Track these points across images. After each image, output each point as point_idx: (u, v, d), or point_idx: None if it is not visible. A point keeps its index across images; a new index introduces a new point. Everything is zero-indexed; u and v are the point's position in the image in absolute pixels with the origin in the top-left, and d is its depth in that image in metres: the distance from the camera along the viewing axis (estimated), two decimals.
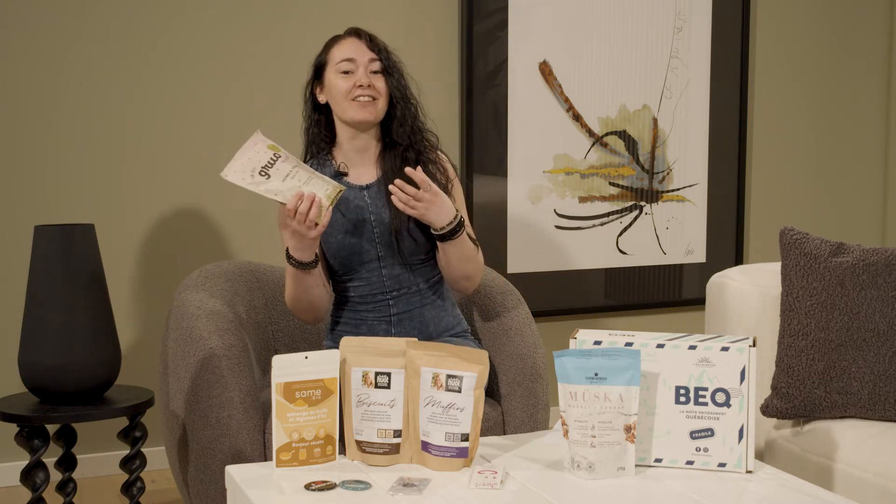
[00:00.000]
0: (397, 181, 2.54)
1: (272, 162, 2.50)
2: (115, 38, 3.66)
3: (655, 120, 4.30)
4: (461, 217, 2.61)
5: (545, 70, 4.12)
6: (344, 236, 2.68)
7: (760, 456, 2.75)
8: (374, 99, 2.66)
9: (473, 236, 2.72)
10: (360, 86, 2.65)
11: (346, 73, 2.67)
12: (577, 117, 4.18)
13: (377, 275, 2.70)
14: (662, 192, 4.34)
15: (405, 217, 2.65)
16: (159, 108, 3.73)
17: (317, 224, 2.49)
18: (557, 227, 4.20)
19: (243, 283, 2.98)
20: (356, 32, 2.73)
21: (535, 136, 4.12)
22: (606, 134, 4.23)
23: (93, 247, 2.97)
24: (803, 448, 2.64)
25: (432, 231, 2.61)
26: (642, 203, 4.31)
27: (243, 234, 3.84)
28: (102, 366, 2.95)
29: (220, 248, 3.82)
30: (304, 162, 2.75)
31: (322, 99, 2.74)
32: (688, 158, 4.37)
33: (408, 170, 2.56)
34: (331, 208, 2.51)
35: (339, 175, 2.72)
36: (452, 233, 2.60)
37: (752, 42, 4.44)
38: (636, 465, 2.16)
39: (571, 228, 4.22)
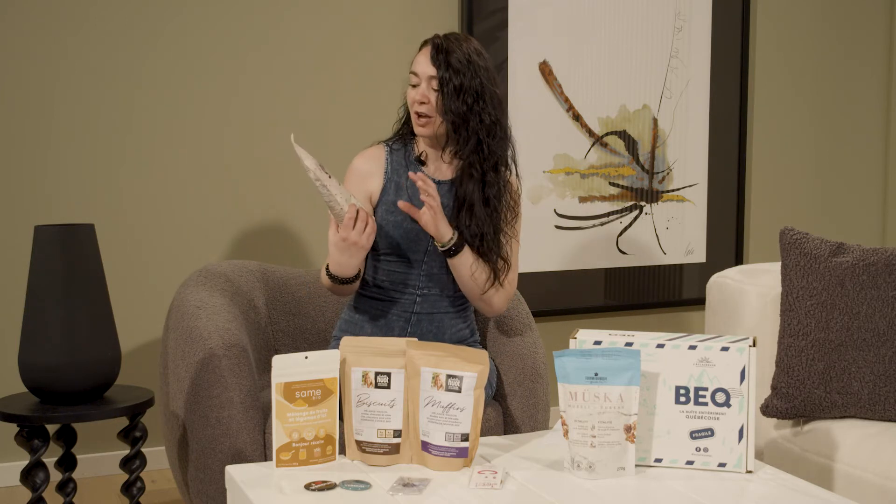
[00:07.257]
0: (419, 176, 2.55)
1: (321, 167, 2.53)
2: (115, 37, 3.66)
3: (655, 120, 4.30)
4: (454, 242, 2.63)
5: (545, 70, 4.12)
6: (404, 218, 2.69)
7: (760, 456, 2.75)
8: (428, 116, 2.66)
9: (502, 268, 2.69)
10: (416, 101, 2.66)
11: (413, 85, 2.68)
12: (577, 117, 4.18)
13: (417, 267, 2.72)
14: (662, 192, 4.34)
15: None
16: (159, 108, 3.73)
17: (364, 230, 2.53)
18: (557, 227, 4.20)
19: (243, 282, 2.98)
20: (431, 42, 2.68)
21: (535, 136, 4.12)
22: (606, 134, 4.23)
23: (93, 247, 2.97)
24: (803, 448, 2.64)
25: (438, 244, 2.65)
26: (642, 203, 4.31)
27: (244, 233, 3.84)
28: (102, 366, 2.94)
29: (220, 248, 3.82)
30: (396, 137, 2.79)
31: None
32: (688, 158, 4.37)
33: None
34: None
35: (418, 161, 2.75)
36: (450, 253, 2.64)
37: (752, 42, 4.44)
38: (636, 465, 2.16)
39: (571, 228, 4.22)
